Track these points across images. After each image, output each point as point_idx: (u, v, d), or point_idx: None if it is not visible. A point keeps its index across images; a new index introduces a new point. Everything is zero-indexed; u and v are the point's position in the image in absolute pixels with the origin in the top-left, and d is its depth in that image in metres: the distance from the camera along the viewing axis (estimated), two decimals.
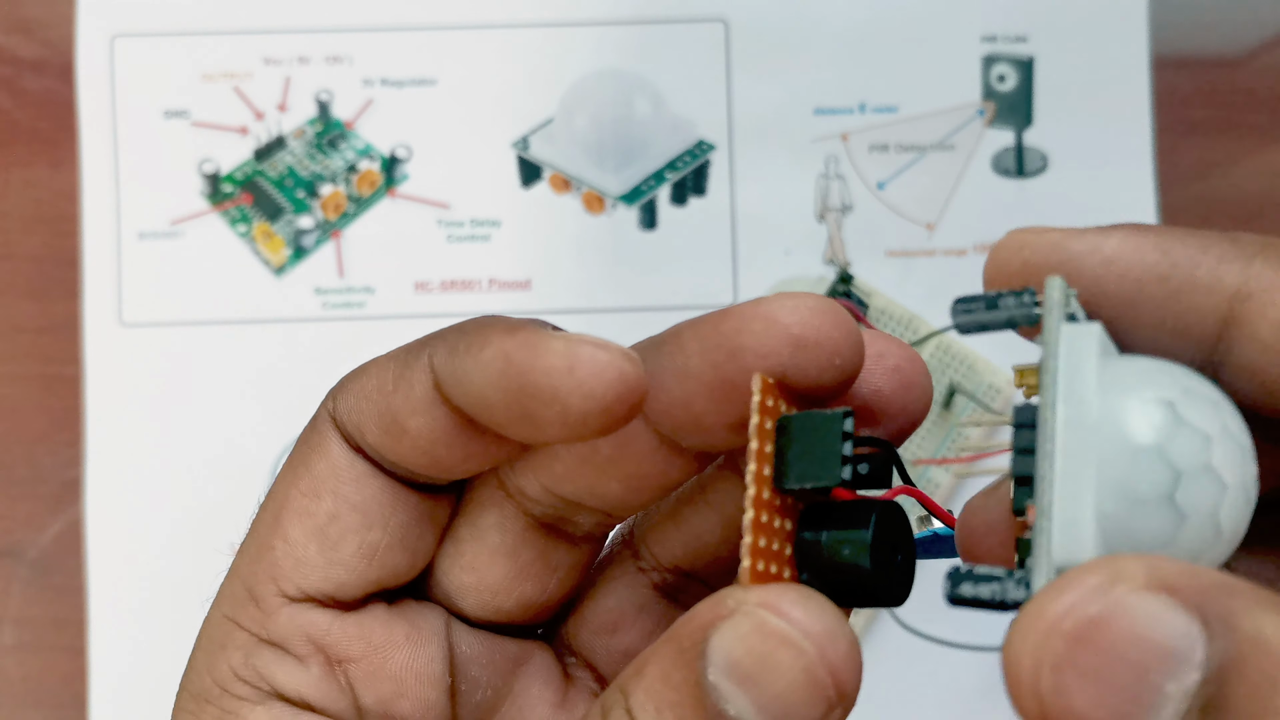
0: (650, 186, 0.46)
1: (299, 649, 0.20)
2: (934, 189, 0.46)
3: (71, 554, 0.45)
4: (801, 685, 0.16)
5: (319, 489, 0.20)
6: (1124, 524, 0.16)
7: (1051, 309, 0.17)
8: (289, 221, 0.46)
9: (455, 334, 0.19)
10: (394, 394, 0.20)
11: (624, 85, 0.47)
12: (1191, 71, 0.48)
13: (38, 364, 0.46)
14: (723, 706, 0.16)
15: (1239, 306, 0.17)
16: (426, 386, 0.19)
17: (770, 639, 0.16)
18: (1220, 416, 0.16)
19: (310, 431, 0.21)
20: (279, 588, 0.20)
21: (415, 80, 0.47)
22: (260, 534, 0.21)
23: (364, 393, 0.20)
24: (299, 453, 0.21)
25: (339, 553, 0.20)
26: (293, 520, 0.20)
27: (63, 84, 0.46)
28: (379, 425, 0.20)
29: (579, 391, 0.18)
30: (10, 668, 0.46)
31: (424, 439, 0.20)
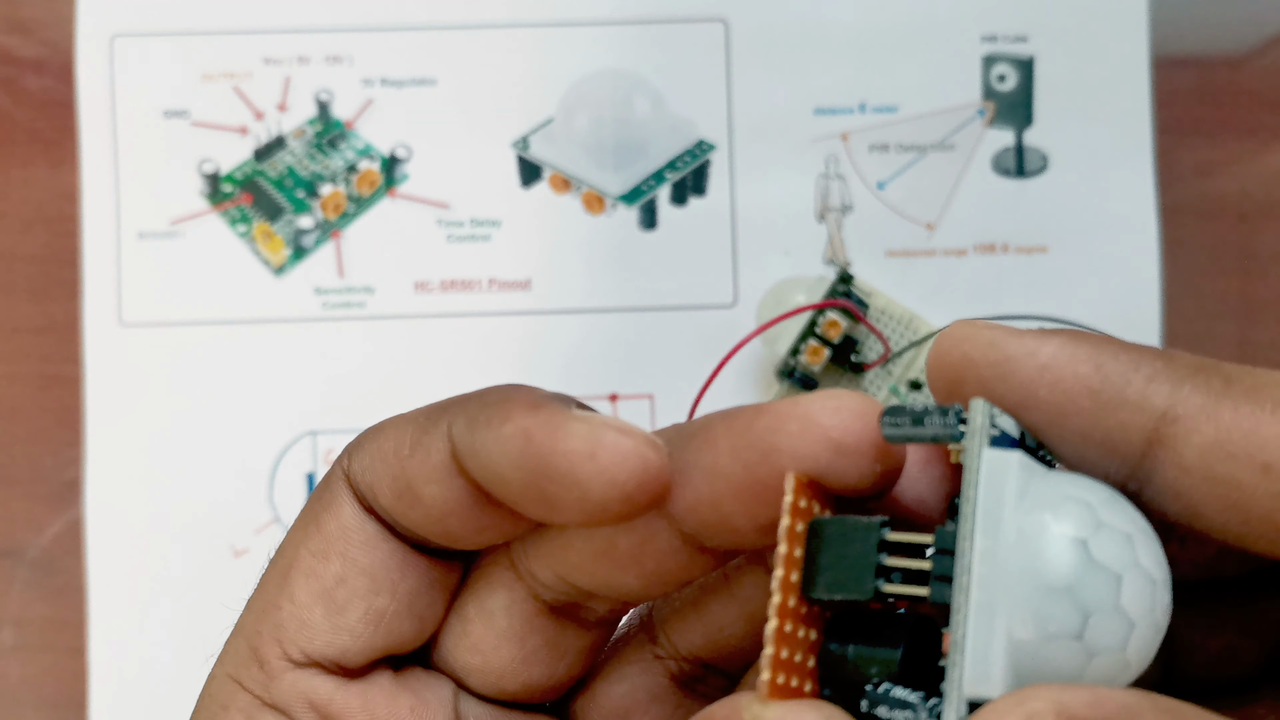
0: (650, 186, 0.46)
1: (301, 716, 0.20)
2: (934, 189, 0.46)
3: (71, 554, 0.45)
4: None
5: (328, 550, 0.20)
6: (1035, 657, 0.16)
7: (974, 433, 0.17)
8: (289, 221, 0.46)
9: (476, 404, 0.19)
10: (410, 459, 0.19)
11: (624, 85, 0.47)
12: (1191, 71, 0.48)
13: (37, 364, 0.46)
14: None
15: (1165, 429, 0.18)
16: (444, 456, 0.19)
17: None
18: (1133, 551, 0.16)
19: (323, 488, 0.21)
20: (283, 650, 0.20)
21: (415, 80, 0.47)
22: (267, 592, 0.20)
23: (380, 454, 0.20)
24: (311, 509, 0.21)
25: (345, 618, 0.20)
26: (300, 580, 0.20)
27: (62, 84, 0.46)
28: (392, 489, 0.19)
29: (600, 478, 0.17)
30: (10, 668, 0.46)
31: (438, 508, 0.19)
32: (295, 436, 0.45)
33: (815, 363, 0.43)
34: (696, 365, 0.44)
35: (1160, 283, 0.46)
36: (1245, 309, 0.47)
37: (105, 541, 0.45)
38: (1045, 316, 0.45)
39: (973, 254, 0.46)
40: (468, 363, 0.46)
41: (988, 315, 0.45)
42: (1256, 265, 0.47)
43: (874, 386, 0.45)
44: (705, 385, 0.43)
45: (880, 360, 0.44)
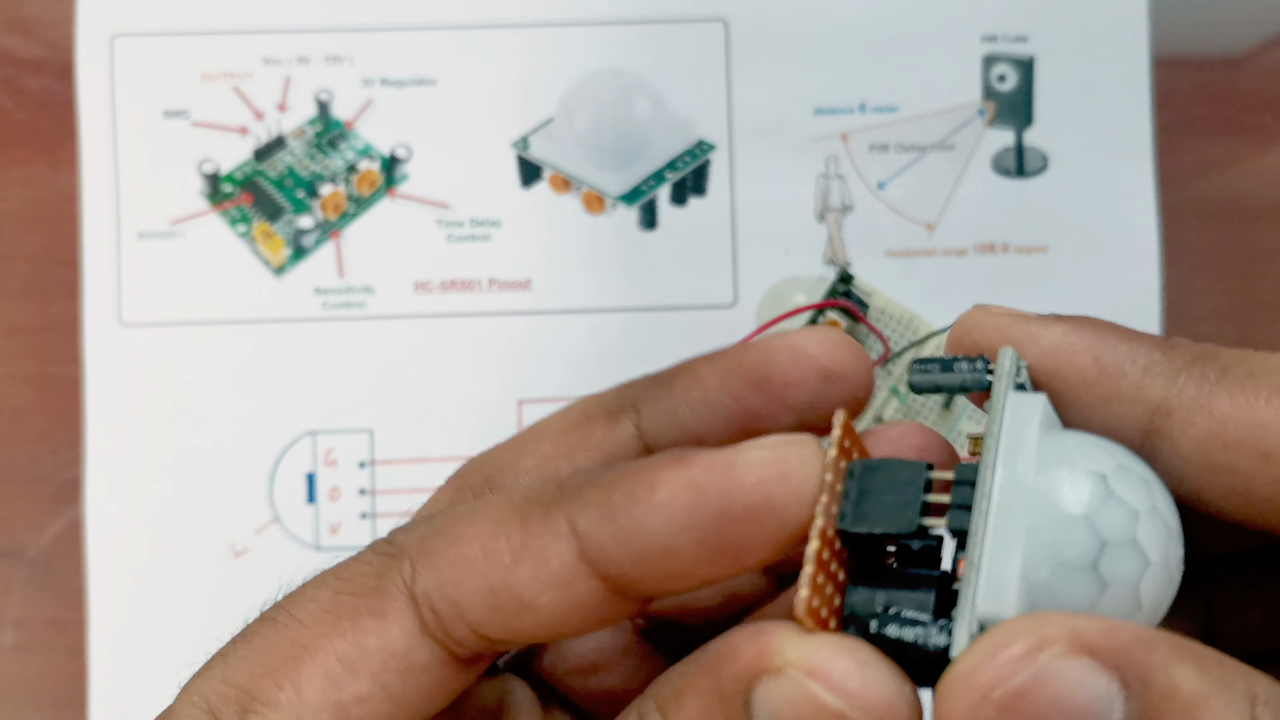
0: (650, 186, 0.46)
1: None
2: (934, 189, 0.46)
3: (71, 554, 0.45)
4: None
5: (360, 665, 0.18)
6: (1049, 587, 0.16)
7: (1000, 376, 0.18)
8: (289, 221, 0.46)
9: (594, 489, 0.17)
10: (515, 569, 0.17)
11: (624, 85, 0.47)
12: (1191, 71, 0.48)
13: (37, 364, 0.46)
14: None
15: (1161, 420, 0.18)
16: (567, 558, 0.17)
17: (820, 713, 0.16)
18: (1150, 495, 0.17)
19: (372, 589, 0.19)
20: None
21: (415, 80, 0.47)
22: (271, 657, 0.19)
23: (465, 565, 0.18)
24: (350, 605, 0.19)
25: None
26: (314, 680, 0.18)
27: (62, 84, 0.46)
28: (489, 603, 0.18)
29: (797, 498, 0.17)
30: (10, 668, 0.46)
31: (556, 614, 0.18)
32: (295, 436, 0.45)
33: None
34: None
35: (1160, 283, 0.46)
36: (1245, 309, 0.47)
37: (105, 541, 0.45)
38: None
39: (973, 254, 0.46)
40: (468, 363, 0.46)
41: None
42: (1256, 265, 0.47)
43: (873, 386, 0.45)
44: None
45: (880, 360, 0.44)
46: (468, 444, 0.45)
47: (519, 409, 0.45)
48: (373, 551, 0.19)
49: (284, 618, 0.19)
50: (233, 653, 0.19)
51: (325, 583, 0.19)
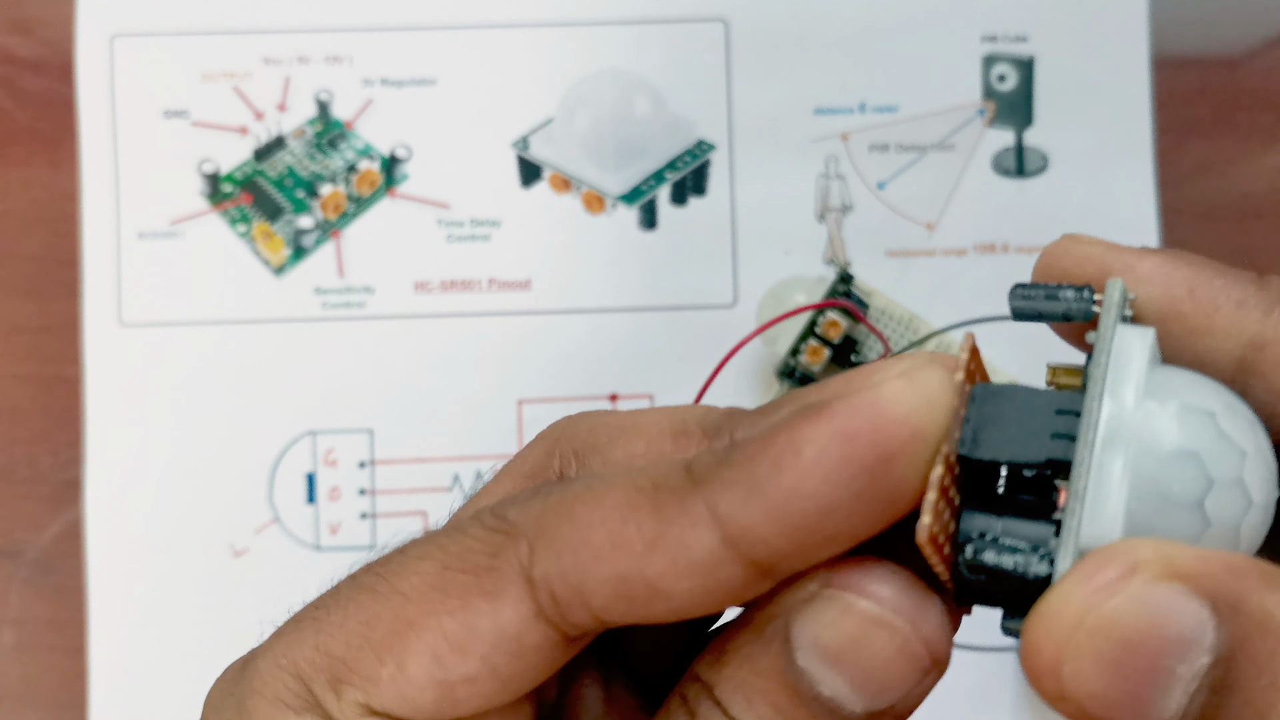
0: (650, 186, 0.46)
1: None
2: (934, 189, 0.46)
3: (71, 554, 0.45)
4: (897, 660, 0.16)
5: (469, 647, 0.18)
6: (1150, 520, 0.16)
7: (1110, 308, 0.17)
8: (289, 221, 0.46)
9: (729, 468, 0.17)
10: (649, 557, 0.17)
11: (624, 85, 0.47)
12: (1191, 71, 0.48)
13: (37, 364, 0.46)
14: (817, 689, 0.16)
15: (1254, 355, 0.18)
16: (709, 545, 0.16)
17: (858, 620, 0.16)
18: (1256, 436, 0.17)
19: (485, 566, 0.18)
20: (368, 700, 0.18)
21: (415, 80, 0.47)
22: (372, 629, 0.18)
23: (589, 551, 0.17)
24: (460, 582, 0.18)
25: (456, 710, 0.18)
26: (419, 658, 0.18)
27: (62, 84, 0.46)
28: (617, 591, 0.17)
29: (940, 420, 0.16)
30: (10, 668, 0.46)
31: (693, 600, 0.17)
32: (295, 436, 0.45)
33: (815, 363, 0.43)
34: (696, 365, 0.44)
35: None
36: None
37: (105, 541, 0.45)
38: None
39: (973, 254, 0.46)
40: (468, 363, 0.46)
41: (988, 316, 0.45)
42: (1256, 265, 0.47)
43: None
44: (705, 385, 0.43)
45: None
46: (467, 444, 0.45)
47: (519, 409, 0.45)
48: (483, 527, 0.18)
49: (384, 588, 0.18)
50: (327, 620, 0.19)
51: (430, 555, 0.18)
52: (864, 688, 0.16)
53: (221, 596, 0.44)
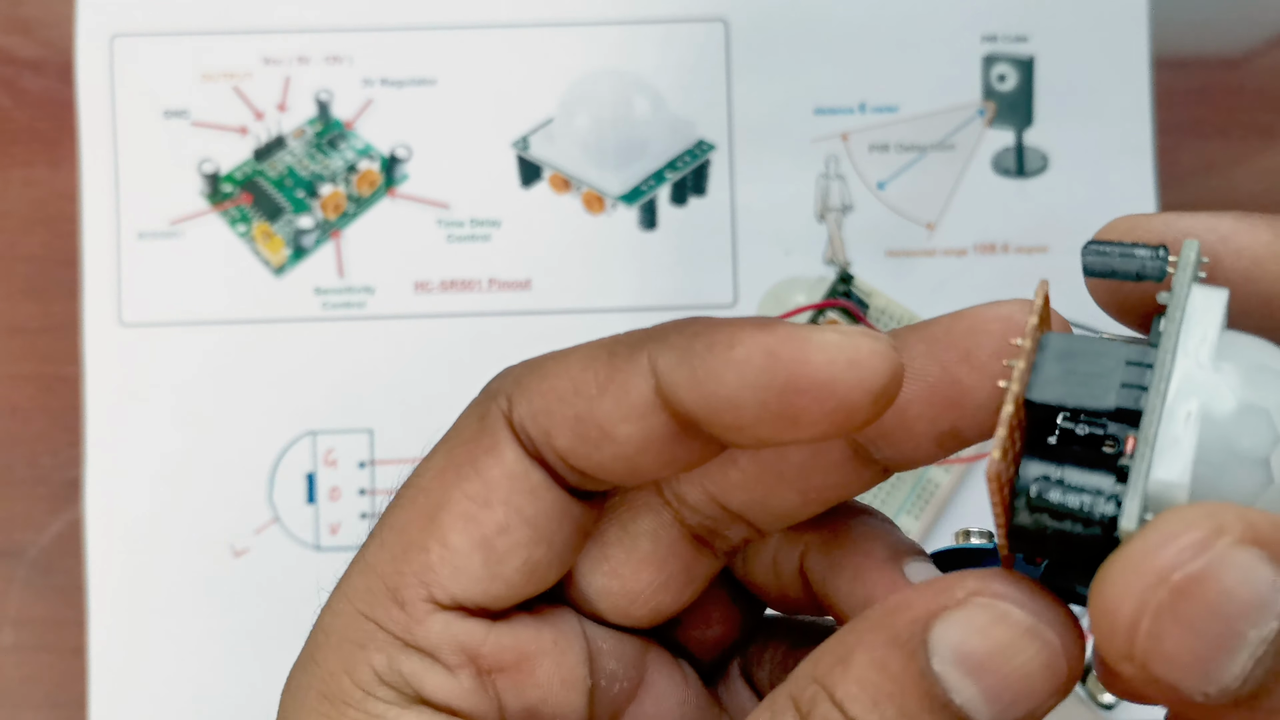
0: (650, 186, 0.46)
1: (449, 658, 0.20)
2: (934, 189, 0.46)
3: (71, 554, 0.45)
4: (1041, 675, 0.17)
5: (490, 497, 0.19)
6: (1217, 474, 0.16)
7: (1185, 267, 0.18)
8: (289, 221, 0.46)
9: (678, 335, 0.19)
10: (599, 399, 0.19)
11: (624, 85, 0.47)
12: (1191, 71, 0.48)
13: (37, 364, 0.46)
14: (949, 696, 0.17)
15: None
16: (644, 391, 0.18)
17: (1012, 629, 0.17)
18: None
19: (478, 430, 0.20)
20: (429, 593, 0.19)
21: (415, 80, 0.47)
22: (408, 532, 0.20)
23: (555, 395, 0.19)
24: (464, 451, 0.20)
25: (503, 567, 0.19)
26: (455, 525, 0.19)
27: (62, 84, 0.46)
28: (575, 431, 0.19)
29: (860, 385, 0.17)
30: (10, 668, 0.46)
31: (631, 446, 0.19)
32: (295, 436, 0.45)
33: None
34: None
35: None
36: None
37: (105, 541, 0.45)
38: None
39: (973, 254, 0.46)
40: (468, 363, 0.46)
41: None
42: None
43: None
44: None
45: None
46: None
47: None
48: (472, 404, 0.20)
49: (408, 495, 0.20)
50: (368, 551, 0.20)
51: (438, 449, 0.20)
52: (998, 699, 0.17)
53: (221, 596, 0.44)
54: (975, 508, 0.46)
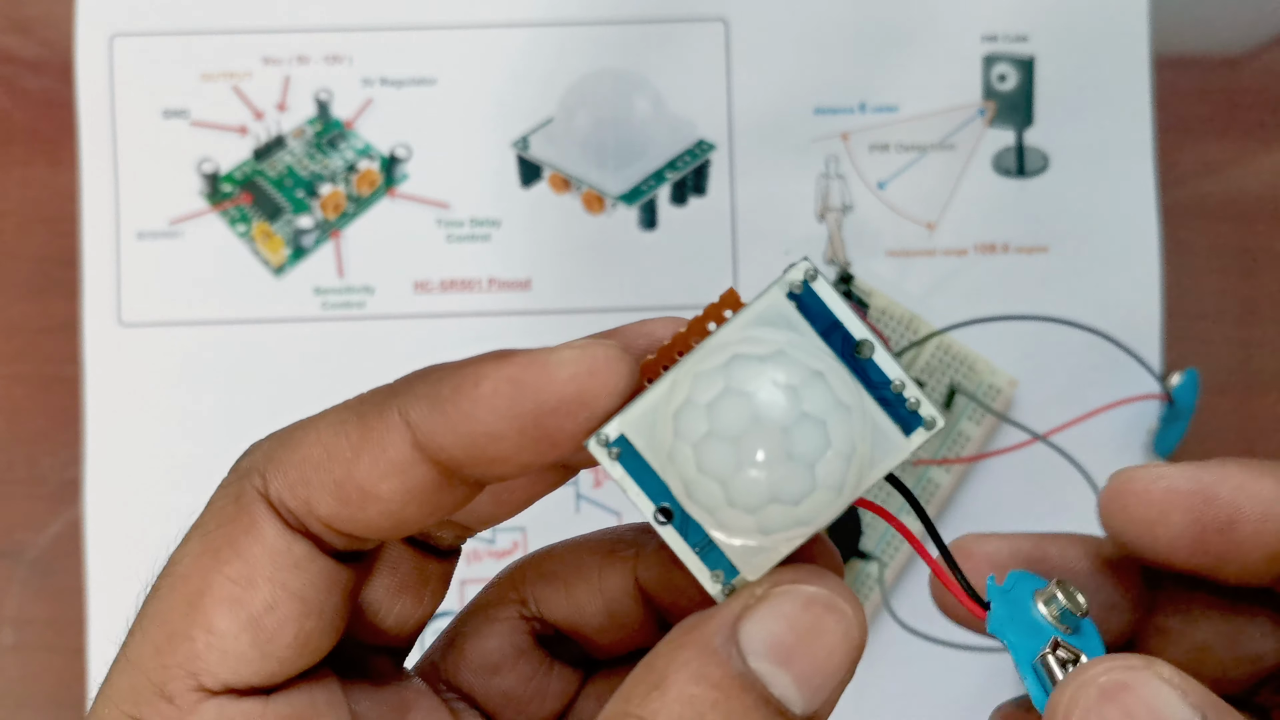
0: (650, 186, 0.46)
1: None
2: (934, 189, 0.46)
3: (71, 554, 0.45)
4: (841, 649, 0.18)
5: (254, 575, 0.19)
6: None
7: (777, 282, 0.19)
8: (288, 221, 0.46)
9: (423, 384, 0.19)
10: (356, 461, 0.19)
11: (624, 85, 0.47)
12: (1191, 71, 0.48)
13: (37, 364, 0.46)
14: (770, 691, 0.17)
15: None
16: (402, 446, 0.19)
17: (816, 608, 0.18)
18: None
19: (234, 511, 0.20)
20: (198, 681, 0.19)
21: (415, 80, 0.47)
22: (170, 622, 0.19)
23: (310, 464, 0.19)
24: (222, 534, 0.20)
25: (274, 645, 0.19)
26: (220, 609, 0.19)
27: (62, 84, 0.46)
28: (336, 496, 0.19)
29: (605, 389, 0.18)
30: (9, 668, 0.46)
31: (396, 502, 0.19)
32: None
33: None
34: None
35: (1160, 283, 0.46)
36: (1245, 309, 0.47)
37: (105, 541, 0.45)
38: (1046, 316, 0.45)
39: (973, 254, 0.46)
40: None
41: (988, 315, 0.45)
42: (1256, 265, 0.47)
43: None
44: None
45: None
46: None
47: None
48: (222, 486, 0.21)
49: (167, 583, 0.20)
50: (129, 648, 0.20)
51: (192, 535, 0.20)
52: (808, 682, 0.18)
53: None
54: (976, 507, 0.46)
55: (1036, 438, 0.44)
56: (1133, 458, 0.46)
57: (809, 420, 0.17)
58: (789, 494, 0.17)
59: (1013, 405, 0.46)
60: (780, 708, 0.17)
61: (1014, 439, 0.45)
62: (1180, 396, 0.45)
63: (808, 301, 0.19)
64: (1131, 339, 0.45)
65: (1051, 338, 0.46)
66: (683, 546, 0.18)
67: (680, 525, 0.18)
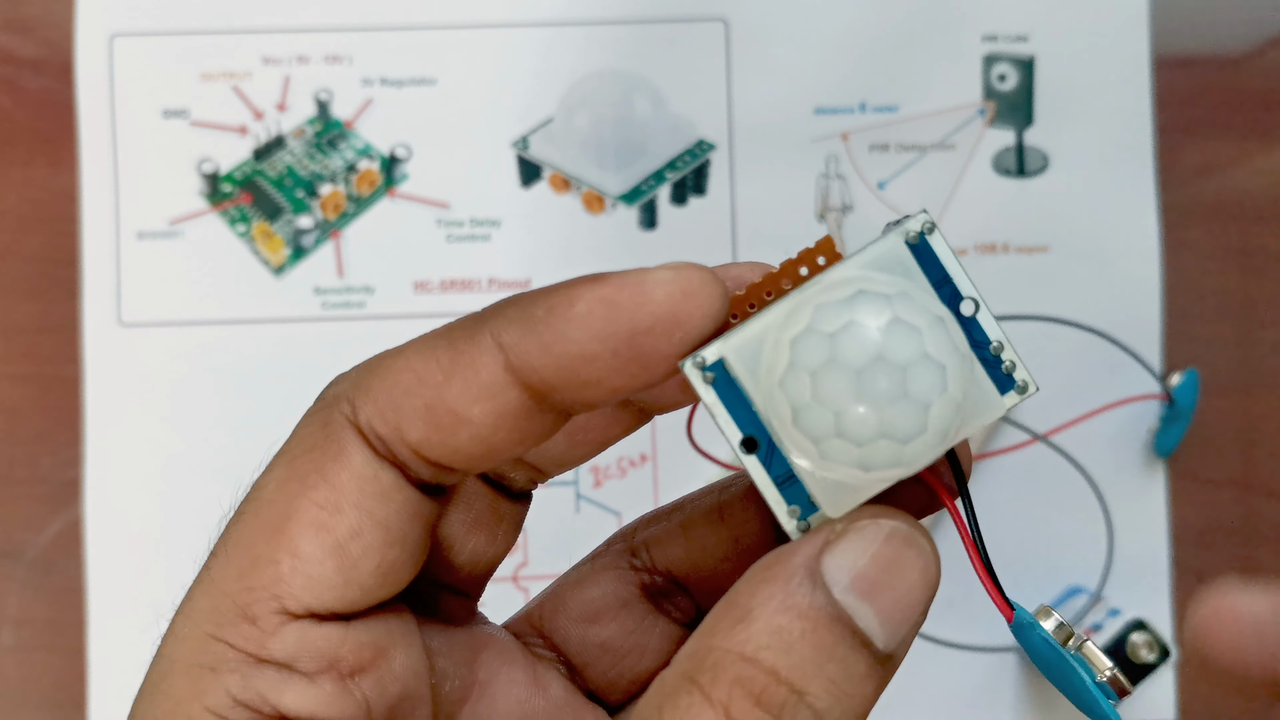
0: (650, 186, 0.46)
1: (308, 666, 0.19)
2: (934, 189, 0.46)
3: (70, 555, 0.45)
4: (921, 585, 0.18)
5: (340, 502, 0.19)
6: None
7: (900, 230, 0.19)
8: (288, 221, 0.46)
9: (514, 309, 0.19)
10: (447, 384, 0.19)
11: (624, 85, 0.47)
12: (1191, 71, 0.48)
13: (37, 364, 0.46)
14: (855, 623, 0.17)
15: None
16: (495, 369, 0.19)
17: (897, 542, 0.18)
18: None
19: (321, 438, 0.20)
20: (281, 605, 0.19)
21: (415, 80, 0.47)
22: (255, 546, 0.20)
23: (401, 389, 0.19)
24: (308, 460, 0.20)
25: (358, 571, 0.19)
26: (306, 533, 0.19)
27: (62, 84, 0.46)
28: (428, 420, 0.19)
29: (699, 311, 0.18)
30: (9, 668, 0.46)
31: (487, 426, 0.19)
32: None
33: None
34: None
35: (1160, 283, 0.46)
36: (1245, 309, 0.47)
37: (105, 541, 0.45)
38: (1046, 316, 0.45)
39: (973, 254, 0.46)
40: None
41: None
42: (1256, 265, 0.47)
43: None
44: None
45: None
46: None
47: None
48: (308, 414, 0.20)
49: (252, 508, 0.20)
50: (212, 570, 0.20)
51: (277, 461, 0.20)
52: (891, 618, 0.18)
53: None
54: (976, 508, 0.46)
55: (1036, 438, 0.44)
56: (1133, 458, 0.46)
57: (930, 362, 0.17)
58: (900, 431, 0.18)
59: None
60: (865, 640, 0.18)
61: (1014, 439, 0.45)
62: (1180, 396, 0.45)
63: (923, 252, 0.19)
64: (1131, 339, 0.45)
65: (1051, 338, 0.46)
66: (764, 478, 0.18)
67: (765, 457, 0.18)
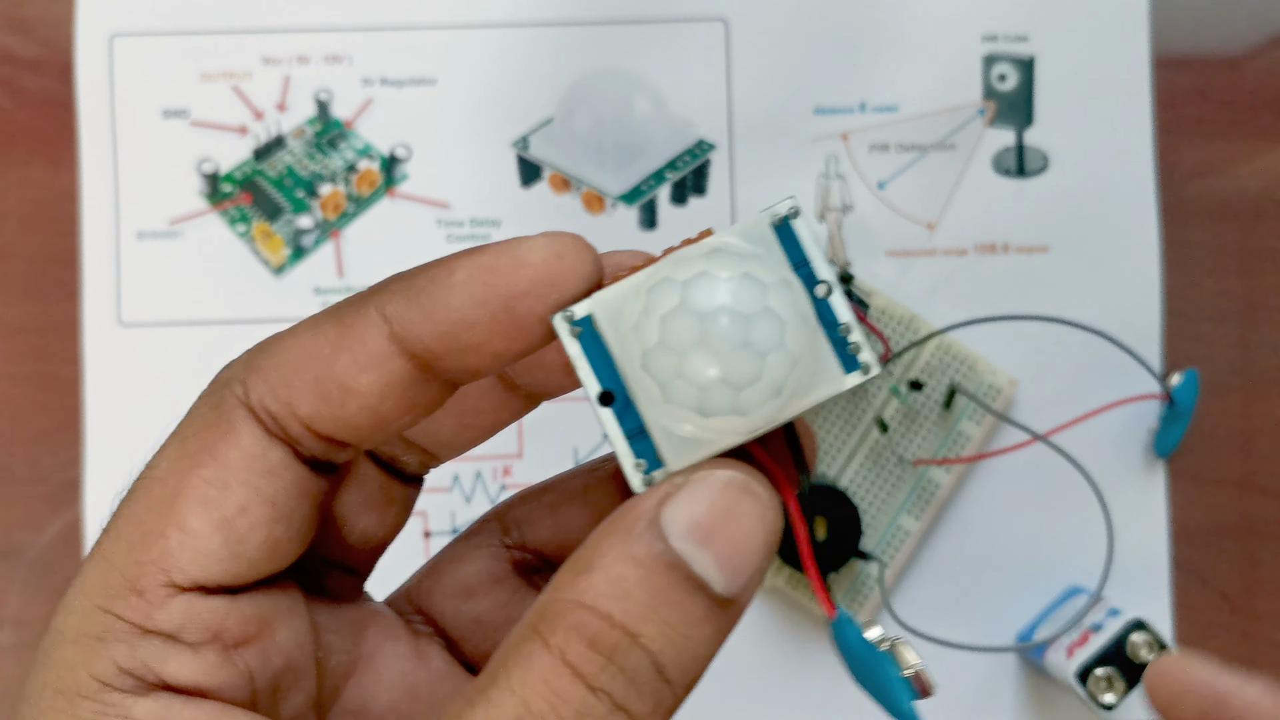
0: (650, 186, 0.46)
1: (192, 636, 0.20)
2: (934, 189, 0.46)
3: (71, 554, 0.45)
4: (758, 531, 0.19)
5: (228, 479, 0.20)
6: None
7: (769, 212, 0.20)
8: (288, 221, 0.46)
9: (398, 282, 0.20)
10: (335, 357, 0.20)
11: (624, 85, 0.47)
12: (1191, 71, 0.48)
13: (37, 364, 0.46)
14: (691, 569, 0.18)
15: None
16: (380, 340, 0.20)
17: (733, 491, 0.18)
18: None
19: (213, 418, 0.20)
20: (169, 578, 0.20)
21: (415, 80, 0.47)
22: (145, 522, 0.20)
23: (290, 366, 0.20)
24: (198, 440, 0.20)
25: (245, 546, 0.20)
26: (194, 509, 0.20)
27: (62, 84, 0.46)
28: (317, 393, 0.20)
29: (572, 274, 0.19)
30: (9, 668, 0.45)
31: (376, 395, 0.20)
32: None
33: None
34: None
35: (1160, 283, 0.46)
36: (1245, 309, 0.47)
37: None
38: (1046, 316, 0.45)
39: (973, 254, 0.46)
40: None
41: (988, 315, 0.45)
42: (1256, 265, 0.47)
43: (874, 386, 0.45)
44: None
45: (881, 360, 0.44)
46: None
47: None
48: (202, 396, 0.21)
49: (144, 485, 0.21)
50: (103, 545, 0.20)
51: (170, 441, 0.21)
52: (728, 563, 0.18)
53: None
54: (976, 507, 0.46)
55: (1036, 438, 0.44)
56: (1133, 458, 0.46)
57: (771, 315, 0.18)
58: (736, 377, 0.18)
59: (1013, 405, 0.46)
60: (702, 584, 0.18)
61: (1014, 439, 0.45)
62: (1180, 396, 0.45)
63: (785, 235, 0.20)
64: (1131, 339, 0.45)
65: (1051, 338, 0.46)
66: (616, 430, 0.19)
67: (619, 410, 0.19)
